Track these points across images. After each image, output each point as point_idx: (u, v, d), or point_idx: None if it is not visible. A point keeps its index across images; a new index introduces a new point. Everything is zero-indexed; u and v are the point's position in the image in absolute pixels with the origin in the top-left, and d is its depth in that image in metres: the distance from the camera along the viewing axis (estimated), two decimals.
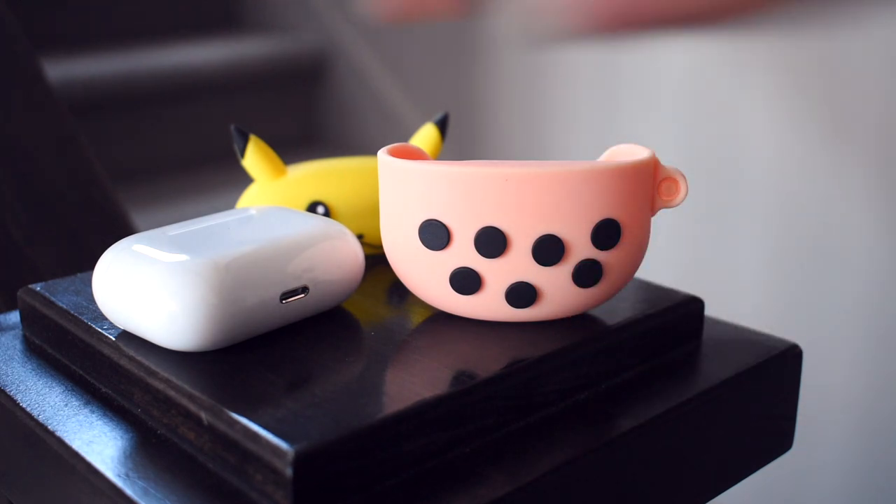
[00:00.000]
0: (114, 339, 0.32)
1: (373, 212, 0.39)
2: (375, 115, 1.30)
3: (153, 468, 0.28)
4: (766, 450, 0.38)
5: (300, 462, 0.26)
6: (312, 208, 0.40)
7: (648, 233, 0.34)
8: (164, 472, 0.28)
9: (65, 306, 0.35)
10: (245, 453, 0.27)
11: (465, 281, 0.32)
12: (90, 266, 0.35)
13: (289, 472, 0.26)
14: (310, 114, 1.36)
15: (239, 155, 0.40)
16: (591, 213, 0.32)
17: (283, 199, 0.40)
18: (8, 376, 0.34)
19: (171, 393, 0.29)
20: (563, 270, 0.32)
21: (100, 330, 0.33)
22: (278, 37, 1.32)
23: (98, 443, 0.30)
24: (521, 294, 0.33)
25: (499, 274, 0.32)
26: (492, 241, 0.32)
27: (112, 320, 0.33)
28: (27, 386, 0.33)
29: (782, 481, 0.97)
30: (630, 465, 0.32)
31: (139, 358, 0.31)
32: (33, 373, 0.34)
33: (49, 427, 0.31)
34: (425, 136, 0.42)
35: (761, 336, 0.38)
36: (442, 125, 0.42)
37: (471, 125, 1.25)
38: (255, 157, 0.40)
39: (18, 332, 0.38)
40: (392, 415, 0.28)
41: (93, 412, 0.32)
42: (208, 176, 1.20)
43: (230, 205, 0.43)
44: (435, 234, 0.32)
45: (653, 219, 0.34)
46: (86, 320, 0.34)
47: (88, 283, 0.36)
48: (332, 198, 0.40)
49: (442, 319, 0.34)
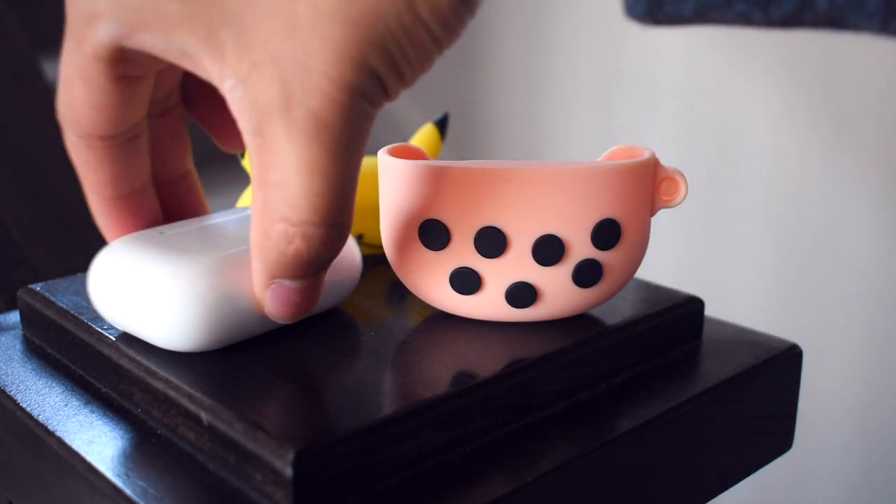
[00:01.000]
0: (114, 339, 0.32)
1: (373, 212, 0.39)
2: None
3: (153, 468, 0.28)
4: (766, 450, 0.38)
5: (300, 462, 0.26)
6: None
7: (648, 233, 0.34)
8: (163, 472, 0.28)
9: (65, 306, 0.35)
10: (245, 453, 0.27)
11: (465, 281, 0.32)
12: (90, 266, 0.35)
13: (289, 472, 0.26)
14: None
15: (239, 155, 0.40)
16: (591, 213, 0.32)
17: None
18: (8, 376, 0.34)
19: (171, 393, 0.29)
20: (563, 270, 0.33)
21: (100, 330, 0.33)
22: None
23: (98, 443, 0.30)
24: (521, 294, 0.33)
25: (499, 274, 0.32)
26: (492, 241, 0.32)
27: (109, 321, 0.32)
28: (27, 386, 0.33)
29: (782, 481, 0.97)
30: (630, 465, 0.32)
31: (139, 358, 0.31)
32: (33, 373, 0.34)
33: (49, 427, 0.31)
34: (425, 136, 0.42)
35: (761, 336, 0.38)
36: (442, 125, 0.42)
37: (471, 125, 1.25)
38: None
39: (18, 332, 0.38)
40: (392, 415, 0.28)
41: (93, 412, 0.32)
42: (208, 176, 1.19)
43: (230, 205, 0.43)
44: (435, 234, 0.32)
45: (653, 219, 0.34)
46: (86, 320, 0.34)
47: None
48: None
49: (442, 319, 0.34)
